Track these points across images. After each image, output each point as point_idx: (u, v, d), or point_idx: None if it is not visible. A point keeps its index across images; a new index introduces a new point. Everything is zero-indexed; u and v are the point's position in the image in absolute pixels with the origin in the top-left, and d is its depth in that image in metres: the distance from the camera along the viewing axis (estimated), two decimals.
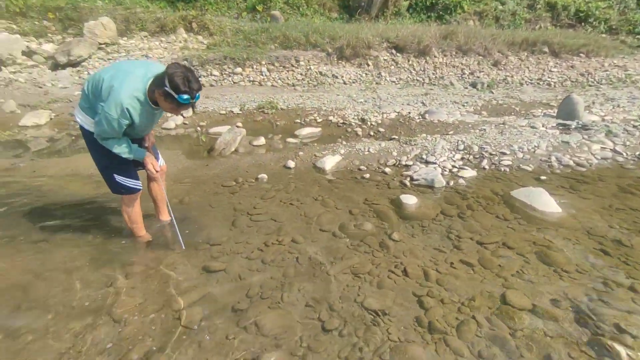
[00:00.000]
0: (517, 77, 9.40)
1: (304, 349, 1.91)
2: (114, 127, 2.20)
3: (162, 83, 2.12)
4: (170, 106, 2.21)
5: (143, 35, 10.00)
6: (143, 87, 2.20)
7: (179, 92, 2.11)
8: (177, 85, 2.09)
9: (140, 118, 2.25)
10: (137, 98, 2.18)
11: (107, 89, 2.16)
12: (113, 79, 2.17)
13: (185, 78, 2.10)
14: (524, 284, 2.38)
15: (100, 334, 1.99)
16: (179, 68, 2.12)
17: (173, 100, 2.14)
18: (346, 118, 6.22)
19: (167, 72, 2.11)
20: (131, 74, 2.19)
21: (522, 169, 4.15)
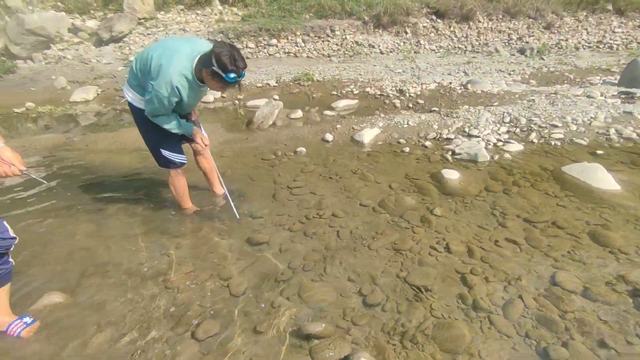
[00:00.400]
0: (573, 40, 8.64)
1: (348, 322, 1.95)
2: (164, 105, 2.27)
3: (210, 62, 2.15)
4: (218, 85, 2.26)
5: (179, 9, 10.06)
6: (190, 66, 2.24)
7: (227, 71, 2.14)
8: (224, 65, 2.12)
9: (188, 95, 2.31)
10: (185, 76, 2.23)
11: (156, 67, 2.21)
12: (161, 58, 2.21)
13: (232, 57, 2.13)
14: (575, 265, 2.27)
15: (158, 300, 2.13)
16: (225, 47, 2.15)
17: (221, 79, 2.18)
18: (384, 89, 6.04)
19: (213, 52, 2.13)
20: (178, 52, 2.23)
21: (576, 143, 3.88)
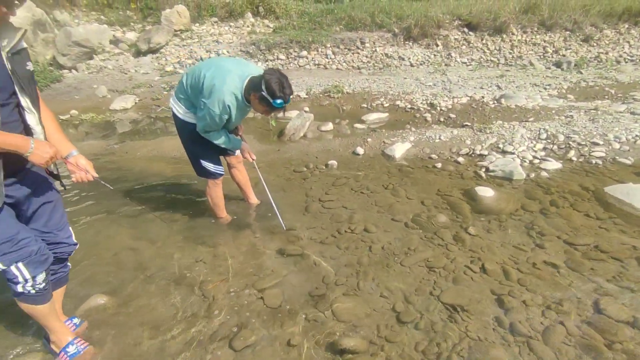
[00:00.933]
0: (614, 54, 8.31)
1: (381, 339, 1.95)
2: (215, 122, 2.40)
3: (259, 87, 2.27)
4: (264, 109, 2.38)
5: (213, 21, 10.42)
6: (241, 86, 2.36)
7: (275, 97, 2.25)
8: (273, 91, 2.24)
9: (236, 113, 2.43)
10: (236, 95, 2.35)
11: (209, 87, 2.33)
12: (214, 78, 2.33)
13: (281, 84, 2.25)
14: (621, 292, 2.18)
15: (196, 306, 2.20)
16: (275, 74, 2.27)
17: (268, 104, 2.30)
18: (414, 102, 6.02)
19: (264, 78, 2.25)
20: (231, 73, 2.34)
21: (619, 162, 3.72)
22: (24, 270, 1.55)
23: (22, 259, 1.53)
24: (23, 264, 1.54)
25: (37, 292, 1.63)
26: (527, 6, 9.17)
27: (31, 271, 1.57)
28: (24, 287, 1.59)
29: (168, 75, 8.40)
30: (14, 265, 1.53)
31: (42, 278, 1.62)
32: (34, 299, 1.65)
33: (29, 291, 1.61)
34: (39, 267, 1.59)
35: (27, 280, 1.57)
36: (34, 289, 1.61)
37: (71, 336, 1.86)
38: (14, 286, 1.59)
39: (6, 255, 1.50)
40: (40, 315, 1.74)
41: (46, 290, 1.67)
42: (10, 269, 1.54)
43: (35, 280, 1.59)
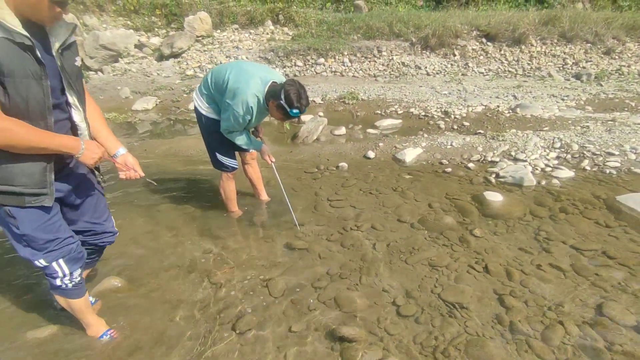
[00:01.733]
0: (636, 67, 8.17)
1: (381, 330, 2.00)
2: (239, 122, 2.54)
3: (279, 96, 2.41)
4: (280, 116, 2.53)
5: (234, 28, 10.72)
6: (263, 89, 2.50)
7: (292, 107, 2.40)
8: (291, 101, 2.38)
9: (257, 114, 2.56)
10: (258, 98, 2.49)
11: (232, 89, 2.47)
12: (238, 81, 2.47)
13: (299, 95, 2.39)
14: (627, 297, 2.16)
15: (202, 292, 2.30)
16: (294, 85, 2.41)
17: (285, 112, 2.44)
18: (428, 110, 6.05)
19: (284, 87, 2.40)
20: (254, 76, 2.49)
21: (634, 173, 3.67)
22: (64, 266, 1.64)
23: (64, 256, 1.62)
24: (64, 260, 1.63)
25: (74, 286, 1.73)
26: (547, 18, 9.12)
27: (70, 267, 1.66)
28: (62, 280, 1.68)
29: (188, 79, 8.69)
30: (56, 261, 1.61)
31: (78, 273, 1.72)
32: (71, 293, 1.76)
33: (67, 284, 1.70)
34: (76, 263, 1.69)
35: (65, 275, 1.66)
36: (71, 283, 1.71)
37: (106, 327, 1.97)
38: (52, 280, 1.68)
39: (51, 252, 1.58)
40: (77, 310, 1.85)
41: (81, 284, 1.77)
42: (52, 265, 1.62)
43: (73, 275, 1.69)
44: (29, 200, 1.44)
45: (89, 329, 1.96)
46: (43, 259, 1.58)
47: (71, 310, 1.85)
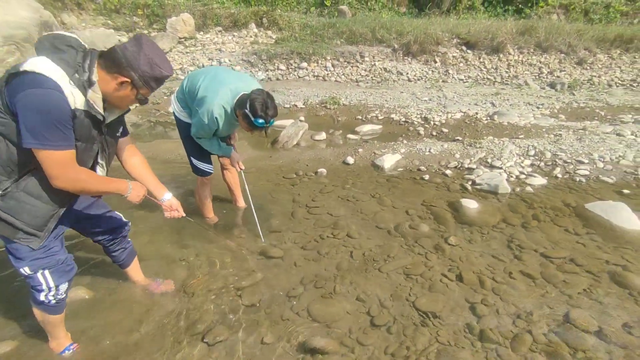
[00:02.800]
0: (605, 77, 8.48)
1: (353, 340, 1.99)
2: (205, 130, 2.53)
3: (244, 105, 2.36)
4: (246, 126, 2.46)
5: (217, 30, 10.63)
6: (232, 101, 2.46)
7: (256, 116, 2.34)
8: (255, 110, 2.32)
9: (224, 125, 2.53)
10: (225, 109, 2.45)
11: (201, 98, 2.45)
12: (207, 89, 2.45)
13: (264, 104, 2.33)
14: (591, 303, 2.22)
15: (173, 302, 2.25)
16: (262, 95, 2.35)
17: (249, 122, 2.38)
18: (409, 116, 6.13)
19: (250, 96, 2.35)
20: (224, 86, 2.45)
21: (602, 181, 3.80)
22: (49, 278, 1.61)
23: (49, 267, 1.60)
24: (49, 271, 1.60)
25: (57, 302, 1.70)
26: (524, 28, 9.40)
27: (55, 280, 1.63)
28: (46, 296, 1.65)
29: (169, 81, 8.54)
30: (41, 272, 1.58)
31: (64, 288, 1.69)
32: (52, 309, 1.73)
33: (50, 301, 1.67)
34: (63, 276, 1.66)
35: (50, 289, 1.63)
36: (55, 299, 1.68)
37: (70, 341, 1.92)
38: (36, 294, 1.65)
39: (35, 261, 1.57)
40: (51, 324, 1.81)
41: (64, 300, 1.75)
42: (36, 276, 1.59)
43: (58, 289, 1.66)
44: (20, 237, 1.51)
45: (53, 342, 1.89)
46: (28, 267, 1.56)
47: (44, 323, 1.81)
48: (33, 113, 1.31)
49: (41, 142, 1.33)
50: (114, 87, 1.48)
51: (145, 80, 1.49)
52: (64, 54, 1.41)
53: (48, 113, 1.32)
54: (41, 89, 1.31)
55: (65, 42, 1.43)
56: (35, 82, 1.31)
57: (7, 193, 1.44)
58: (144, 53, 1.46)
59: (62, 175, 1.42)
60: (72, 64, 1.40)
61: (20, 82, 1.31)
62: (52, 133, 1.34)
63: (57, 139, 1.35)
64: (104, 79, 1.46)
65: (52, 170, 1.40)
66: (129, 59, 1.45)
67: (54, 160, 1.38)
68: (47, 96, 1.31)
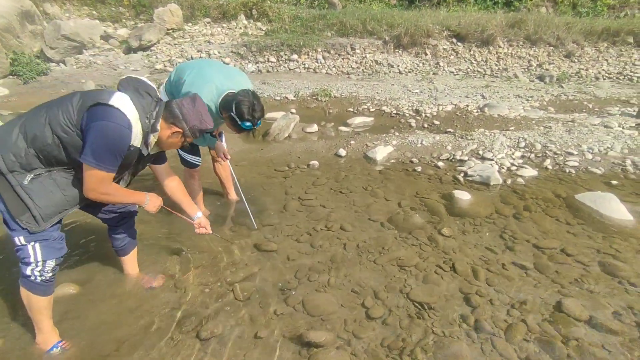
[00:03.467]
0: (593, 70, 8.59)
1: (349, 333, 1.98)
2: None
3: (230, 107, 2.30)
4: (233, 128, 2.42)
5: (206, 22, 10.43)
6: (217, 99, 2.40)
7: (243, 120, 2.29)
8: (242, 113, 2.28)
9: None
10: (209, 107, 2.35)
11: (185, 94, 2.35)
12: (191, 85, 2.37)
13: (251, 107, 2.27)
14: (582, 293, 2.25)
15: (165, 297, 2.20)
16: (248, 96, 2.29)
17: (236, 124, 2.34)
18: (400, 108, 6.11)
19: (235, 99, 2.28)
20: (210, 83, 2.38)
21: (591, 172, 3.85)
22: (38, 252, 1.68)
23: (41, 240, 1.68)
24: (40, 245, 1.68)
25: (43, 281, 1.73)
26: (514, 21, 9.43)
27: (44, 254, 1.69)
28: (32, 270, 1.70)
29: (158, 72, 8.38)
30: (32, 243, 1.66)
31: (50, 266, 1.73)
32: (37, 288, 1.74)
33: (35, 277, 1.71)
34: (52, 253, 1.71)
35: (37, 264, 1.69)
36: (40, 276, 1.72)
37: (57, 339, 1.88)
38: (24, 267, 1.70)
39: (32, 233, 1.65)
40: (36, 310, 1.79)
41: (51, 282, 1.78)
42: (27, 247, 1.66)
43: (45, 265, 1.71)
44: (24, 218, 1.62)
45: (40, 336, 1.85)
46: (23, 236, 1.65)
47: (29, 309, 1.79)
48: (102, 138, 1.57)
49: (97, 162, 1.58)
50: (168, 134, 1.81)
51: (193, 131, 1.84)
52: (143, 99, 1.70)
53: (114, 144, 1.59)
54: (118, 124, 1.58)
55: (145, 89, 1.74)
56: (116, 117, 1.58)
57: (38, 179, 1.62)
58: (197, 110, 1.82)
59: (97, 189, 1.66)
60: (147, 110, 1.70)
61: (105, 112, 1.57)
62: (108, 158, 1.60)
63: (108, 163, 1.61)
64: (162, 127, 1.78)
65: (91, 184, 1.64)
66: (184, 114, 1.79)
67: (97, 177, 1.62)
68: (119, 131, 1.59)
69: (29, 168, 1.60)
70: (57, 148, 1.60)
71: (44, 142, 1.58)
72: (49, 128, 1.58)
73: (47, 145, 1.59)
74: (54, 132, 1.58)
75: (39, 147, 1.58)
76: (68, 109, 1.59)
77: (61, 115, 1.58)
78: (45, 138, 1.58)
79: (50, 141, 1.58)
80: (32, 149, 1.59)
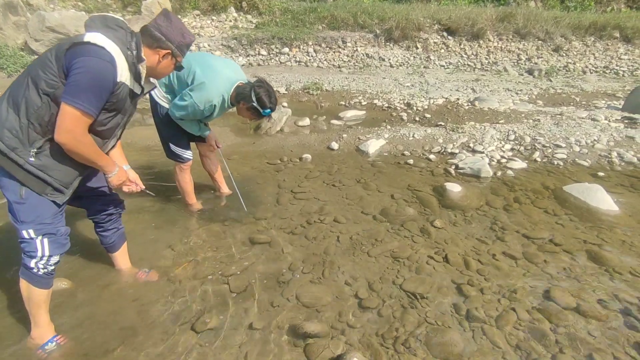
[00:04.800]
0: (580, 64, 8.72)
1: (343, 324, 2.00)
2: (196, 115, 2.55)
3: (250, 99, 2.45)
4: (252, 116, 2.60)
5: (196, 14, 10.28)
6: (229, 90, 2.52)
7: (265, 108, 2.48)
8: (264, 103, 2.47)
9: (219, 112, 2.60)
10: (224, 97, 2.51)
11: (199, 84, 2.44)
12: (205, 76, 2.44)
13: (269, 95, 2.47)
14: (570, 281, 2.31)
15: (159, 291, 2.20)
16: (263, 86, 2.47)
17: (257, 113, 2.51)
18: (391, 102, 6.14)
19: (254, 90, 2.44)
20: (221, 75, 2.49)
21: (578, 164, 3.93)
22: (46, 246, 1.67)
23: (50, 234, 1.67)
24: (48, 240, 1.67)
25: (45, 274, 1.73)
26: (504, 15, 9.50)
27: (51, 250, 1.69)
28: (36, 263, 1.68)
29: None
30: (41, 237, 1.65)
31: (54, 260, 1.73)
32: (38, 280, 1.73)
33: (39, 269, 1.70)
34: (58, 248, 1.72)
35: (42, 257, 1.68)
36: (44, 269, 1.71)
37: (53, 333, 1.86)
38: (28, 260, 1.68)
39: (41, 225, 1.64)
40: (35, 302, 1.77)
41: (52, 276, 1.78)
42: (35, 241, 1.65)
43: (50, 260, 1.71)
44: (49, 191, 1.62)
45: (36, 330, 1.84)
46: (33, 229, 1.63)
47: (28, 302, 1.78)
48: (83, 76, 1.45)
49: (75, 100, 1.46)
50: (157, 59, 1.69)
51: (181, 48, 1.73)
52: (116, 32, 1.56)
53: (96, 80, 1.48)
54: (99, 59, 1.47)
55: (115, 23, 1.59)
56: (97, 52, 1.47)
57: (43, 152, 1.56)
58: (175, 26, 1.70)
59: (72, 130, 1.51)
60: (125, 42, 1.57)
61: (83, 49, 1.46)
62: (88, 97, 1.48)
63: (88, 102, 1.48)
64: (148, 55, 1.66)
65: (68, 124, 1.49)
66: (165, 33, 1.67)
67: (74, 116, 1.48)
68: (102, 66, 1.47)
69: (29, 142, 1.53)
70: (48, 109, 1.51)
71: (33, 106, 1.50)
72: (34, 89, 1.50)
73: (38, 108, 1.50)
74: (40, 91, 1.50)
75: (31, 114, 1.51)
76: (46, 63, 1.50)
77: (41, 71, 1.50)
78: (34, 102, 1.50)
79: (40, 103, 1.50)
80: (25, 119, 1.51)
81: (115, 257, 2.29)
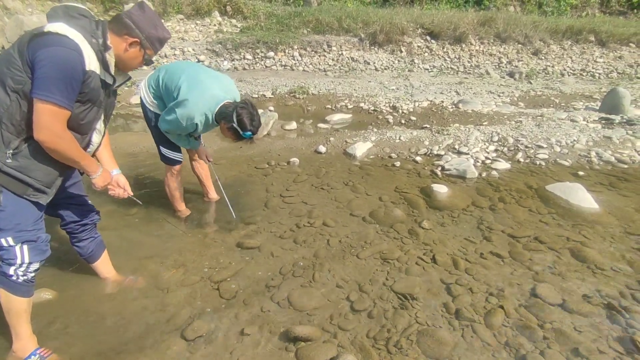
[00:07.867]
0: (559, 67, 8.99)
1: (334, 326, 2.00)
2: (180, 129, 2.52)
3: (231, 119, 2.35)
4: (232, 137, 2.48)
5: (179, 18, 10.19)
6: (214, 108, 2.43)
7: (245, 130, 2.36)
8: (245, 125, 2.35)
9: (203, 128, 2.53)
10: (207, 116, 2.43)
11: (182, 101, 2.38)
12: (189, 94, 2.37)
13: (251, 117, 2.36)
14: (554, 278, 2.37)
15: (147, 299, 2.16)
16: (246, 108, 2.36)
17: (237, 134, 2.40)
18: (377, 105, 6.19)
19: (236, 111, 2.34)
20: (206, 92, 2.41)
21: (559, 164, 4.03)
22: (26, 254, 1.63)
23: (30, 241, 1.63)
24: (28, 247, 1.63)
25: (25, 282, 1.67)
26: (484, 19, 9.73)
27: (31, 256, 1.65)
28: (15, 270, 1.63)
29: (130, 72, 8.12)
30: (20, 244, 1.60)
31: (34, 267, 1.69)
32: (18, 288, 1.67)
33: (18, 276, 1.65)
34: (38, 254, 1.68)
35: (22, 265, 1.63)
36: (24, 276, 1.66)
37: (35, 346, 1.79)
38: (6, 268, 1.63)
39: (21, 233, 1.60)
40: (15, 312, 1.71)
41: (32, 284, 1.72)
42: (14, 248, 1.60)
43: (29, 267, 1.66)
44: (30, 193, 1.58)
45: (18, 342, 1.77)
46: (12, 237, 1.59)
47: (8, 313, 1.71)
48: (50, 67, 1.40)
49: (47, 94, 1.40)
50: (124, 47, 1.62)
51: (151, 41, 1.66)
52: (79, 20, 1.52)
53: (64, 70, 1.42)
54: (63, 47, 1.42)
55: (78, 12, 1.54)
56: (59, 41, 1.42)
57: (19, 152, 1.51)
58: (148, 17, 1.65)
59: (50, 126, 1.46)
60: (89, 30, 1.52)
61: (44, 40, 1.41)
62: (60, 89, 1.42)
63: (60, 95, 1.43)
64: (115, 42, 1.60)
65: (44, 121, 1.44)
66: (135, 21, 1.62)
67: (49, 112, 1.44)
68: (67, 55, 1.42)
69: (4, 143, 1.48)
70: (19, 107, 1.46)
71: (3, 106, 1.45)
72: (1, 88, 1.45)
73: (8, 107, 1.45)
74: (7, 89, 1.45)
75: (2, 114, 1.46)
76: (10, 59, 1.44)
77: (6, 68, 1.45)
78: (3, 101, 1.45)
79: (9, 101, 1.45)
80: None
81: (97, 267, 2.22)
